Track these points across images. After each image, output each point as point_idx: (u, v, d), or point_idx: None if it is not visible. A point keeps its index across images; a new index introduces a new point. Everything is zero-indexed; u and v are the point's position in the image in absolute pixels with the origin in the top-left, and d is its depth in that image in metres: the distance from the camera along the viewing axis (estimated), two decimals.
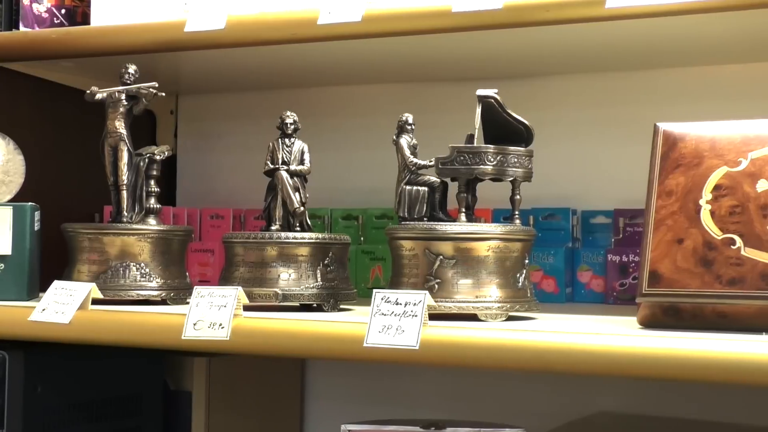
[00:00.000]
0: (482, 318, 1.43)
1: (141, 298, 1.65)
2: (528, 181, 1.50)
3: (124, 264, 1.65)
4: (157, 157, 1.71)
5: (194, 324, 1.45)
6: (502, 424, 1.56)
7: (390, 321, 1.35)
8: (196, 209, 2.07)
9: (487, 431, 1.53)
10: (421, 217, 1.52)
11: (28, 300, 1.67)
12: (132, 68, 1.70)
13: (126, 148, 1.68)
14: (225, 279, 1.59)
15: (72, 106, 1.93)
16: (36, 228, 1.69)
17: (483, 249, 1.44)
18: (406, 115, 1.56)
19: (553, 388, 1.92)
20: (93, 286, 1.59)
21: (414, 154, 1.55)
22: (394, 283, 1.48)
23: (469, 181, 1.49)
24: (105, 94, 1.68)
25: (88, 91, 1.68)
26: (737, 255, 1.30)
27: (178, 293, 1.68)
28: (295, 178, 1.61)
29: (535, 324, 1.42)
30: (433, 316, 1.38)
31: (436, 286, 1.43)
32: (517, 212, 1.50)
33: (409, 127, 1.56)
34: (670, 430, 1.77)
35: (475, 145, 1.48)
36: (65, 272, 1.67)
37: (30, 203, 1.69)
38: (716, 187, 1.34)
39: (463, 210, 1.48)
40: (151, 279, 1.66)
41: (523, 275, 1.47)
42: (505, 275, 1.45)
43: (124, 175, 1.68)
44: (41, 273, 1.71)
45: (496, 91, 1.49)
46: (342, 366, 2.11)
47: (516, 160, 1.48)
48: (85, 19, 1.89)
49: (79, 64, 1.93)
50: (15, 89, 1.97)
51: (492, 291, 1.44)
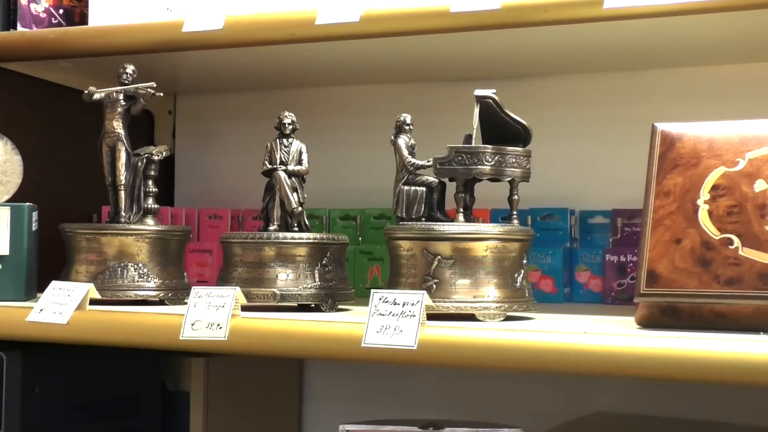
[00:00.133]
0: (480, 318, 1.43)
1: (139, 298, 1.65)
2: (526, 182, 1.50)
3: (122, 264, 1.65)
4: (155, 158, 1.70)
5: (192, 324, 1.45)
6: (500, 424, 1.56)
7: (388, 321, 1.34)
8: (194, 209, 2.07)
9: (485, 431, 1.53)
10: (419, 217, 1.52)
11: (25, 300, 1.67)
12: (130, 68, 1.70)
13: (124, 149, 1.68)
14: (223, 279, 1.59)
15: (70, 106, 1.93)
16: (34, 228, 1.69)
17: (481, 249, 1.44)
18: (404, 115, 1.56)
19: (551, 388, 1.92)
20: (91, 286, 1.58)
21: (412, 154, 1.55)
22: (392, 283, 1.48)
23: (467, 181, 1.49)
24: (103, 94, 1.68)
25: (86, 91, 1.68)
26: (735, 255, 1.30)
27: (176, 293, 1.68)
28: (293, 179, 1.61)
29: (533, 324, 1.41)
30: (431, 316, 1.38)
31: (434, 286, 1.43)
32: (515, 212, 1.50)
33: (407, 128, 1.56)
34: (668, 430, 1.77)
35: (473, 145, 1.48)
36: (63, 272, 1.67)
37: (28, 203, 1.69)
38: (714, 187, 1.34)
39: (461, 210, 1.48)
40: (149, 279, 1.66)
41: (521, 275, 1.47)
42: (503, 275, 1.45)
43: (122, 176, 1.68)
44: (39, 273, 1.71)
45: (494, 91, 1.49)
46: (340, 366, 2.11)
47: (514, 160, 1.48)
48: (83, 19, 1.89)
49: (77, 64, 1.93)
50: (13, 89, 1.97)
51: (490, 291, 1.44)
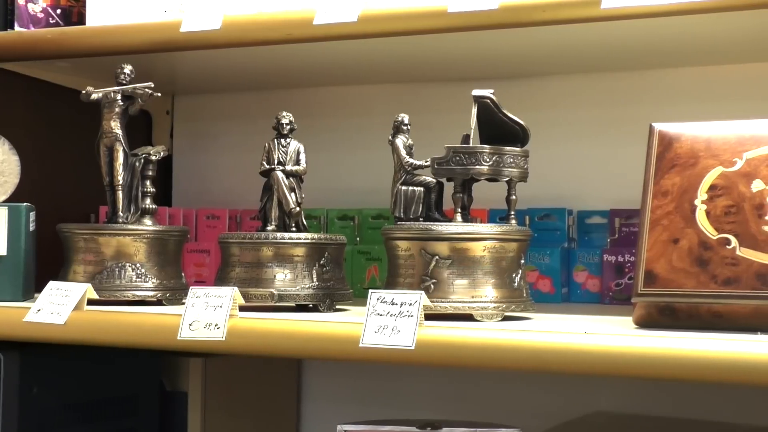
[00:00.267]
0: (478, 318, 1.43)
1: (136, 298, 1.65)
2: (524, 182, 1.50)
3: (120, 264, 1.65)
4: (153, 158, 1.70)
5: (190, 324, 1.45)
6: (498, 424, 1.56)
7: (386, 321, 1.34)
8: (192, 209, 2.07)
9: (483, 431, 1.53)
10: (417, 217, 1.52)
11: (23, 301, 1.67)
12: (128, 68, 1.69)
13: (122, 149, 1.68)
14: (221, 279, 1.59)
15: (67, 106, 1.93)
16: (31, 228, 1.69)
17: (479, 249, 1.44)
18: (402, 115, 1.56)
19: (549, 388, 1.92)
20: (88, 286, 1.58)
21: (410, 154, 1.55)
22: (390, 283, 1.48)
23: (465, 182, 1.49)
24: (101, 95, 1.68)
25: (83, 92, 1.68)
26: (732, 255, 1.30)
27: (174, 294, 1.67)
28: (291, 179, 1.61)
29: (531, 324, 1.41)
30: (429, 317, 1.38)
31: (432, 286, 1.43)
32: (512, 212, 1.50)
33: (404, 128, 1.56)
34: (667, 430, 1.77)
35: (470, 145, 1.48)
36: (61, 273, 1.67)
37: (25, 203, 1.69)
38: (711, 187, 1.34)
39: (459, 210, 1.48)
40: (147, 279, 1.66)
41: (519, 275, 1.47)
42: (500, 275, 1.45)
43: (120, 176, 1.67)
44: (36, 273, 1.71)
45: (492, 91, 1.49)
46: (338, 366, 2.11)
47: (512, 160, 1.48)
48: (81, 19, 1.89)
49: (74, 65, 1.93)
50: (10, 89, 1.97)
51: (488, 291, 1.44)
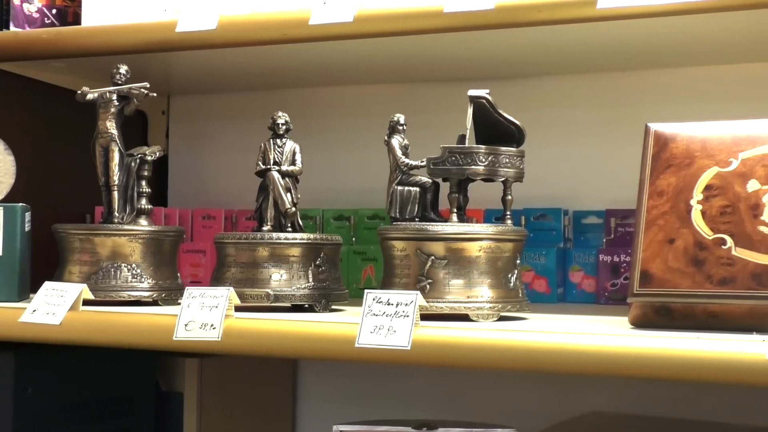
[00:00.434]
0: (474, 318, 1.43)
1: (132, 299, 1.65)
2: (519, 182, 1.50)
3: (116, 265, 1.64)
4: (149, 158, 1.70)
5: (186, 325, 1.45)
6: (494, 424, 1.56)
7: (381, 321, 1.34)
8: (188, 210, 2.07)
9: (478, 431, 1.53)
10: (413, 217, 1.52)
11: (18, 301, 1.66)
12: (123, 68, 1.69)
13: (117, 149, 1.68)
14: (216, 279, 1.59)
15: (63, 106, 1.93)
16: (27, 229, 1.69)
17: (474, 249, 1.44)
18: (398, 115, 1.56)
19: (545, 388, 1.92)
20: (84, 287, 1.58)
21: (406, 154, 1.55)
22: (386, 283, 1.48)
23: (461, 182, 1.49)
24: (96, 95, 1.68)
25: (79, 92, 1.68)
26: (728, 255, 1.30)
27: (170, 294, 1.67)
28: (287, 179, 1.61)
29: (527, 324, 1.41)
30: (425, 317, 1.38)
31: (428, 286, 1.43)
32: (508, 212, 1.50)
33: (400, 128, 1.56)
34: (662, 430, 1.77)
35: (466, 145, 1.48)
36: (56, 273, 1.67)
37: (21, 204, 1.69)
38: (707, 188, 1.35)
39: (455, 210, 1.48)
40: (143, 280, 1.65)
41: (515, 275, 1.47)
42: (496, 275, 1.45)
43: (116, 176, 1.67)
44: (32, 274, 1.70)
45: (487, 91, 1.49)
46: (334, 366, 2.11)
47: (507, 160, 1.48)
48: (76, 19, 1.88)
49: (70, 65, 1.93)
50: (5, 89, 1.97)
51: (483, 291, 1.44)
